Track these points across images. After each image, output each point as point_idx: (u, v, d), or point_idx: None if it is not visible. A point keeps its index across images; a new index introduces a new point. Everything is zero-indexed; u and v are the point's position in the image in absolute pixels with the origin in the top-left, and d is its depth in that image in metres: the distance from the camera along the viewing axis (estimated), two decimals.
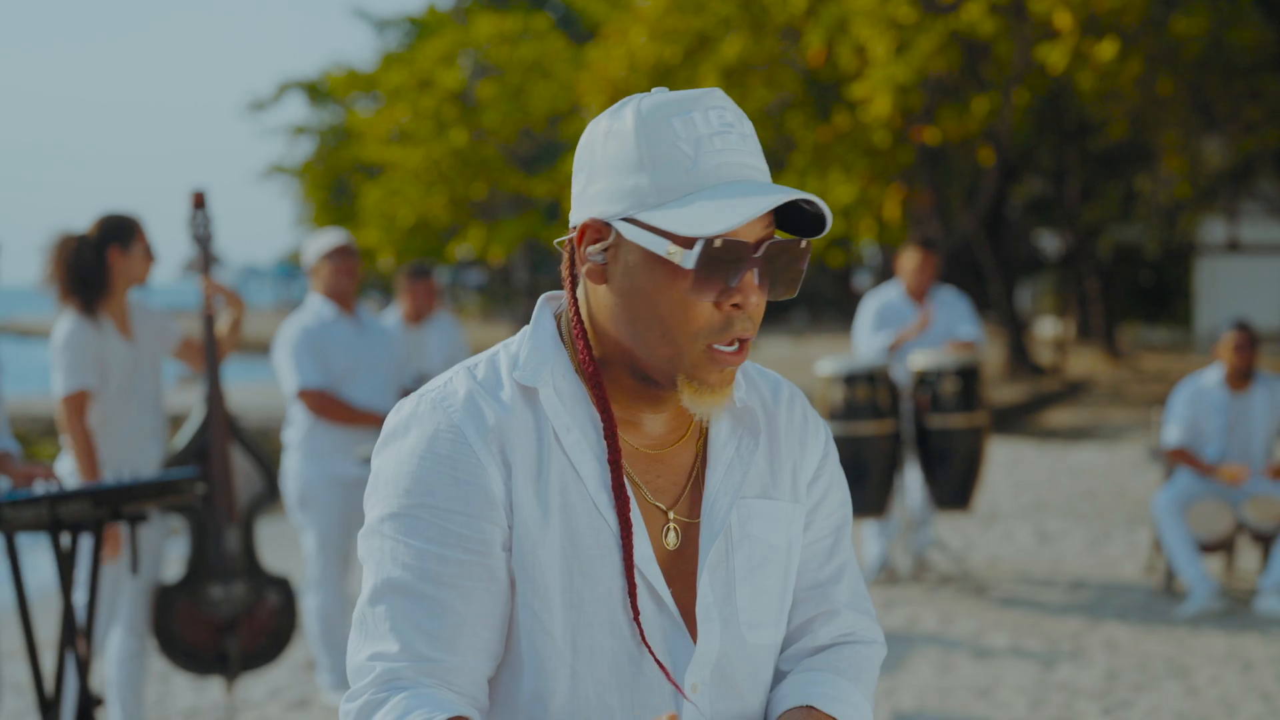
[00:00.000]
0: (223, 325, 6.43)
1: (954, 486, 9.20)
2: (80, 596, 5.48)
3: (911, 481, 9.46)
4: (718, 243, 2.04)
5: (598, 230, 2.13)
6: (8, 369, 6.13)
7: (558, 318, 2.25)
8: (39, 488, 4.84)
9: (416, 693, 2.05)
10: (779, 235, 2.13)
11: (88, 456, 5.99)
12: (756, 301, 2.09)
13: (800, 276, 2.14)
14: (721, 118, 2.11)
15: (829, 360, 9.22)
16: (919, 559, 9.56)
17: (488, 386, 2.17)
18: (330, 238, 7.45)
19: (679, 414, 2.23)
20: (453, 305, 55.17)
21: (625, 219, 2.09)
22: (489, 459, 2.11)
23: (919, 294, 9.57)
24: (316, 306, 7.37)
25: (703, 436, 2.26)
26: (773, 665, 2.29)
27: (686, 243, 2.05)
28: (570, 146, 29.00)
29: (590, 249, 2.13)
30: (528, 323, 2.24)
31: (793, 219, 2.13)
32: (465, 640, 2.10)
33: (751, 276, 2.07)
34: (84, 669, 4.92)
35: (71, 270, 6.04)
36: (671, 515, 2.21)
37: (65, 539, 4.84)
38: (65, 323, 6.07)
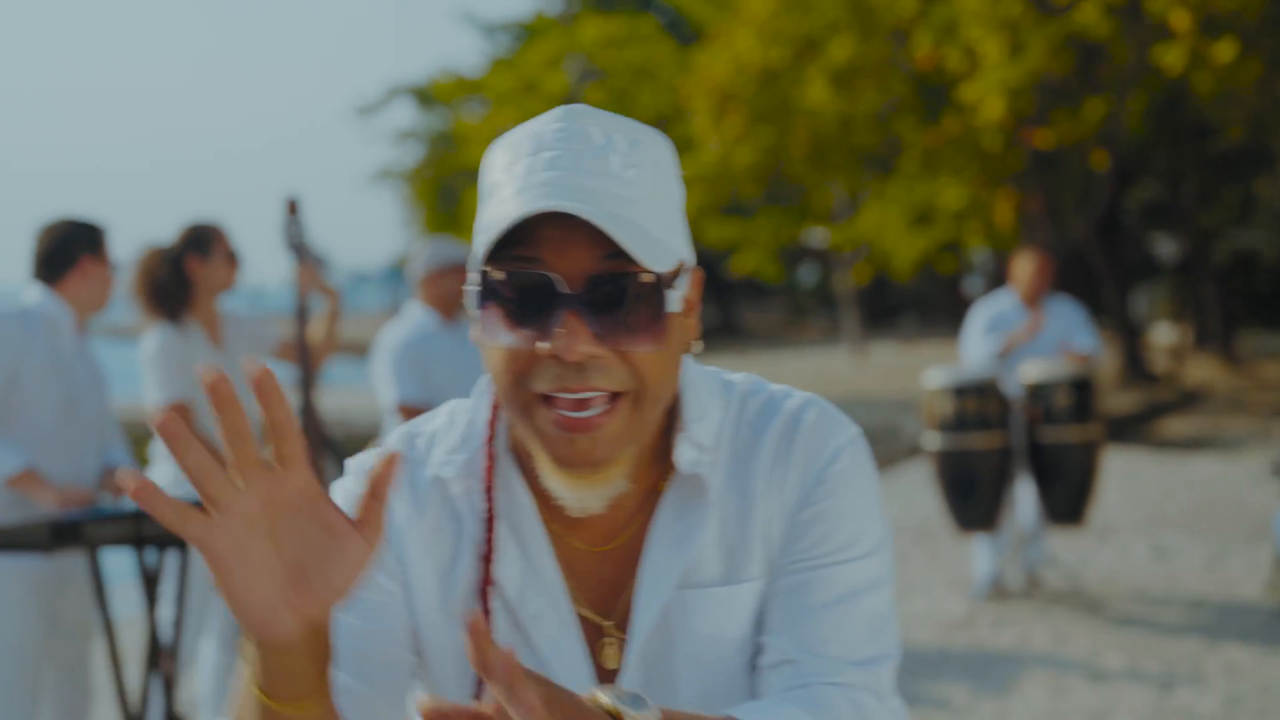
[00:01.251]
0: (318, 327, 6.33)
1: (1067, 501, 8.94)
2: (166, 613, 5.40)
3: (1023, 496, 9.21)
4: (498, 274, 1.69)
5: None
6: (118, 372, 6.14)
7: None
8: (127, 503, 4.78)
9: None
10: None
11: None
12: (585, 352, 1.67)
13: (659, 326, 1.71)
14: (560, 132, 1.73)
15: (937, 371, 8.99)
16: (1031, 576, 9.30)
17: (415, 463, 1.89)
18: (451, 252, 7.30)
19: (638, 492, 1.85)
20: None
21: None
22: (392, 538, 1.86)
23: (1033, 300, 9.31)
24: (418, 317, 7.23)
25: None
26: None
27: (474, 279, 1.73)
28: (677, 150, 28.83)
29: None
30: None
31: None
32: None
33: (575, 321, 1.67)
34: (169, 687, 4.83)
35: (152, 283, 6.01)
36: (605, 627, 1.85)
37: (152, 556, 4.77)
38: (154, 335, 6.03)
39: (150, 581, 4.75)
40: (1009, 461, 8.91)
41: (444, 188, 42.15)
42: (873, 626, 1.81)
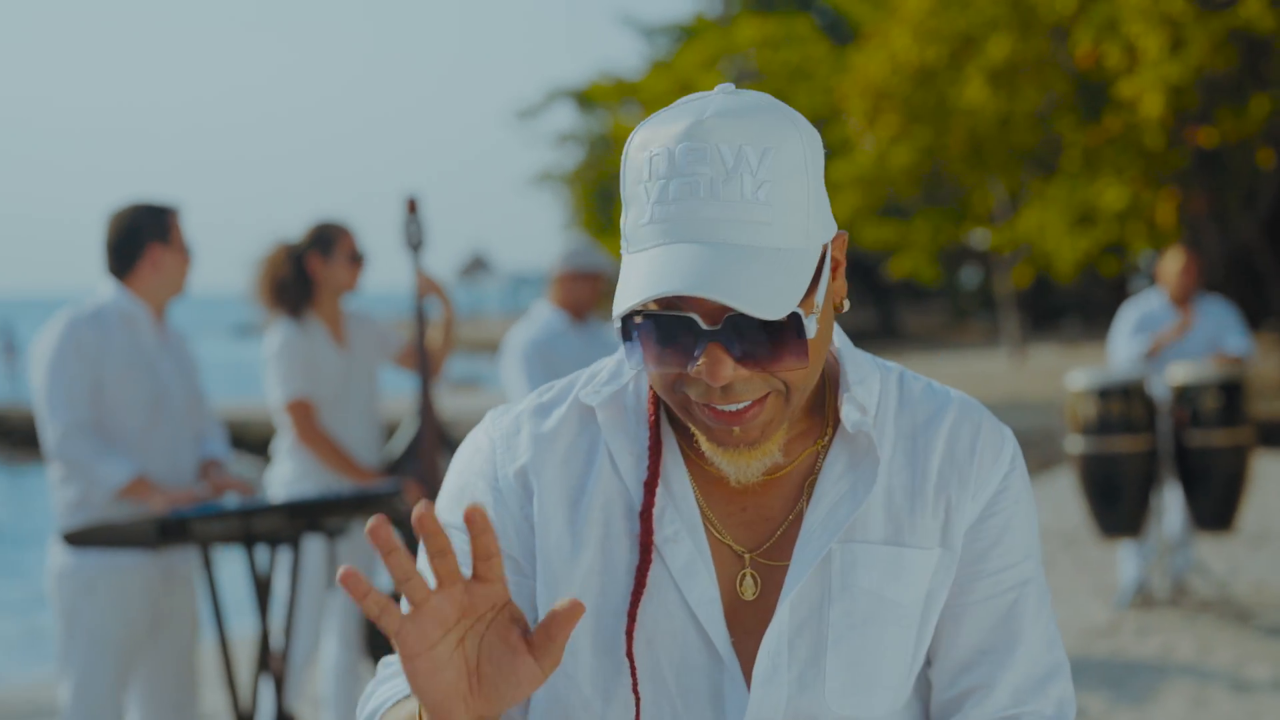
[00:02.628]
0: (434, 331, 6.32)
1: (1215, 506, 8.68)
2: (278, 612, 5.41)
3: (1170, 501, 8.96)
4: (637, 320, 1.76)
5: None
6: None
7: None
8: (231, 500, 4.78)
9: (400, 680, 1.91)
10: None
11: (336, 457, 5.97)
12: (728, 379, 1.75)
13: (799, 349, 1.76)
14: (691, 153, 1.75)
15: (1081, 373, 8.78)
16: (1177, 583, 9.05)
17: (547, 405, 1.99)
18: (589, 259, 7.24)
19: (787, 436, 1.91)
20: None
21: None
22: (507, 485, 1.94)
23: (1182, 300, 9.07)
24: (546, 316, 7.20)
25: (819, 467, 1.93)
26: None
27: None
28: (833, 152, 28.58)
29: None
30: None
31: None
32: None
33: (718, 351, 1.74)
34: (279, 686, 4.84)
35: (274, 280, 6.04)
36: (748, 558, 1.90)
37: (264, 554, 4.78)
38: (277, 332, 6.06)
39: (260, 579, 4.75)
40: (1155, 465, 8.68)
41: (602, 190, 42.27)
42: (1049, 637, 1.94)
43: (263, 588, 4.75)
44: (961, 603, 1.93)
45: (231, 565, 5.94)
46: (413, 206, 6.22)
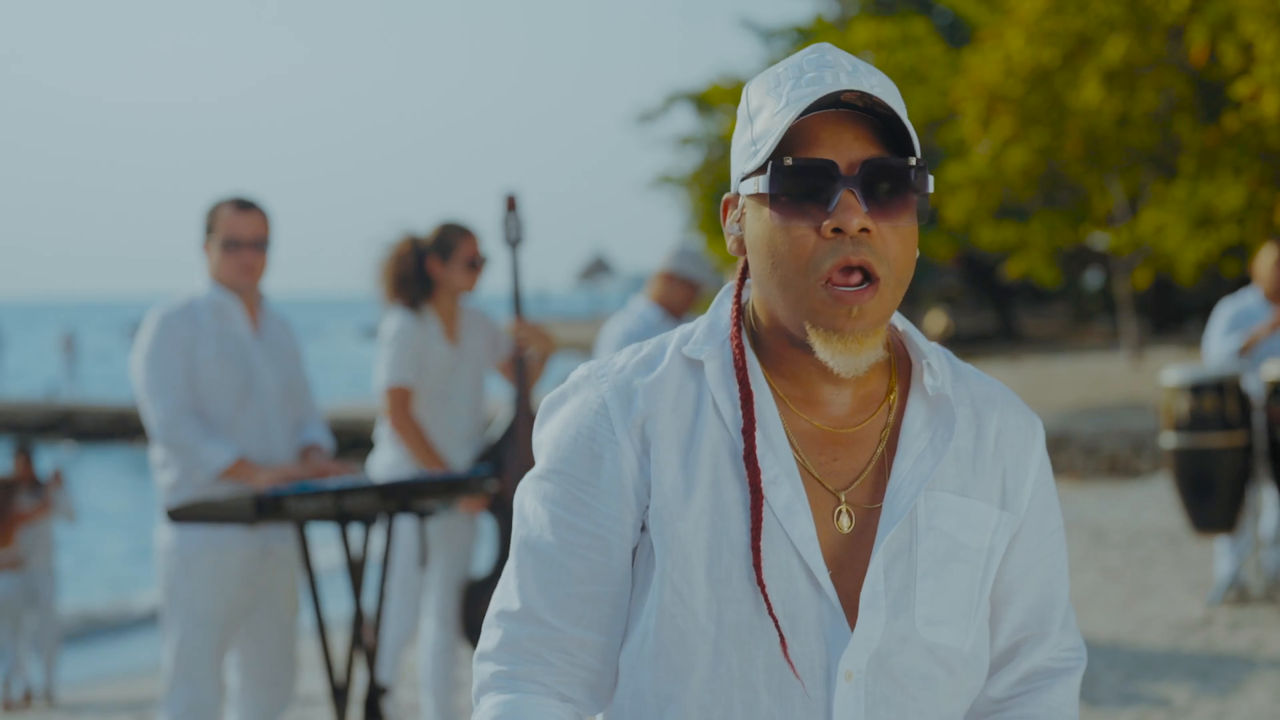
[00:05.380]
0: (534, 367, 6.51)
1: None
2: (370, 587, 5.62)
3: (1267, 498, 8.97)
4: (787, 161, 2.02)
5: (731, 204, 2.18)
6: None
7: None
8: (331, 482, 5.00)
9: (523, 701, 2.12)
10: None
11: (422, 447, 6.17)
12: (859, 224, 2.00)
13: (922, 202, 2.06)
14: (821, 56, 2.08)
15: (1175, 369, 8.82)
16: (1272, 579, 9.06)
17: (648, 360, 2.18)
18: (694, 268, 7.37)
19: (864, 393, 2.16)
20: None
21: (742, 179, 2.12)
22: (625, 436, 2.12)
23: (1278, 296, 9.05)
24: (641, 310, 7.34)
25: (891, 422, 2.18)
26: (955, 671, 2.14)
27: (764, 169, 2.05)
28: (947, 154, 28.56)
29: (727, 226, 2.16)
30: None
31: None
32: (584, 612, 2.13)
33: (851, 198, 2.01)
34: (371, 659, 5.05)
35: (398, 272, 6.27)
36: (843, 497, 2.13)
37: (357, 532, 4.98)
38: (394, 319, 6.29)
39: (353, 557, 4.95)
40: (1250, 462, 8.70)
41: (721, 193, 42.27)
42: (1066, 577, 2.27)
43: (356, 566, 4.96)
44: (1027, 563, 2.22)
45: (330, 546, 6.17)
46: (512, 203, 6.39)
